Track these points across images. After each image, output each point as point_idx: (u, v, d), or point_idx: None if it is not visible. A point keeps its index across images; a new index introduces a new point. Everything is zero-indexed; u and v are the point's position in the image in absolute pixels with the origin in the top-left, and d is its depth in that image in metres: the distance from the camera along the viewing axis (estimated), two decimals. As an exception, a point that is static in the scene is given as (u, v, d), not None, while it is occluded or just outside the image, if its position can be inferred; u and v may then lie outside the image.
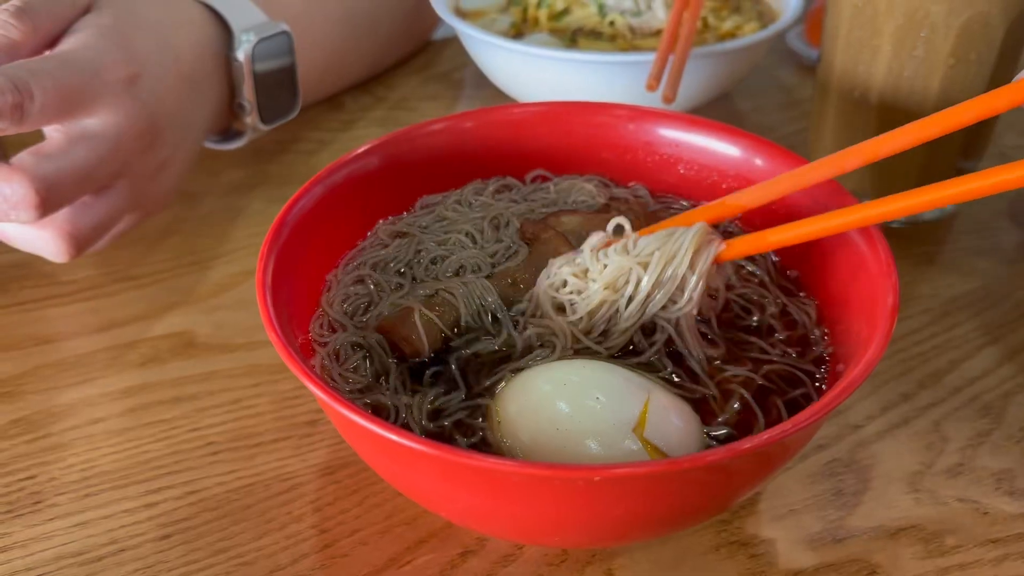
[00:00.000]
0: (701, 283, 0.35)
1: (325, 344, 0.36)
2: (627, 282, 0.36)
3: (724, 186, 0.44)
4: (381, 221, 0.43)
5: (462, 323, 0.37)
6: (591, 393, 0.33)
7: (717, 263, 0.36)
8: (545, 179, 0.45)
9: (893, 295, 0.34)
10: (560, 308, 0.37)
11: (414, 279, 0.39)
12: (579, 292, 0.37)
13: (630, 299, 0.36)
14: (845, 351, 0.36)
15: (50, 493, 0.40)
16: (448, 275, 0.39)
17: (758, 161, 0.43)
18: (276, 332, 0.31)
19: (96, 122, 0.45)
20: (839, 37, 0.52)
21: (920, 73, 0.50)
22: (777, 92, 0.71)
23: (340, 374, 0.35)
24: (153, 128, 0.48)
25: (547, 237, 0.39)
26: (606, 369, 0.35)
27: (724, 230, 0.43)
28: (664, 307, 0.36)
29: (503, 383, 0.35)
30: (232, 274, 0.54)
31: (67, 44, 0.45)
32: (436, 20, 0.75)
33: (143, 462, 0.42)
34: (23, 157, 0.42)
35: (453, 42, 0.78)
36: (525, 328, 0.37)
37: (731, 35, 0.62)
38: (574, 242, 0.40)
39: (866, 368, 0.30)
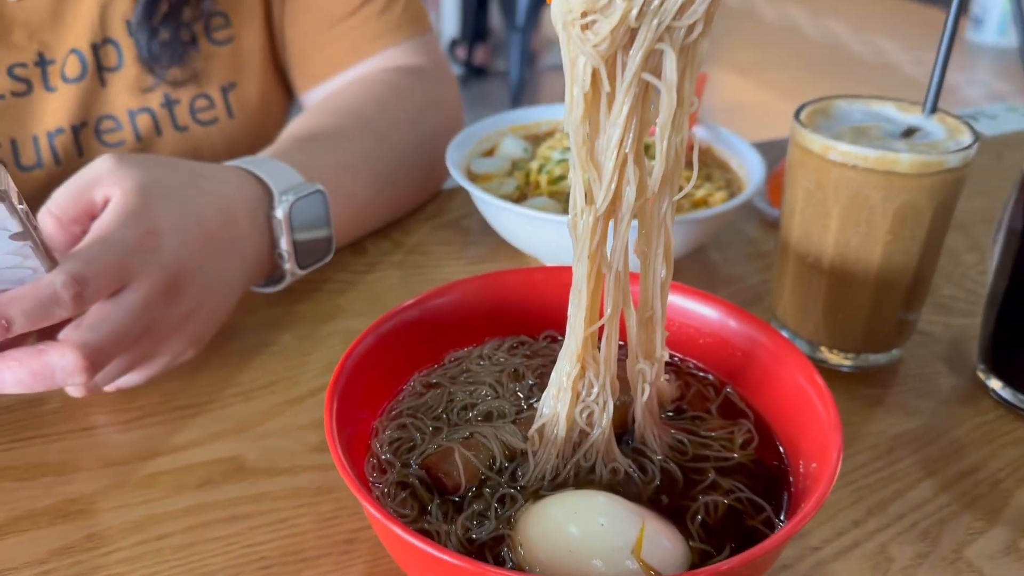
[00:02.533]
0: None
1: (379, 485, 0.44)
2: None
3: (700, 341, 0.53)
4: (416, 373, 0.51)
5: (496, 463, 0.45)
6: (597, 519, 0.41)
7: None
8: (554, 339, 0.54)
9: (838, 446, 0.42)
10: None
11: (449, 424, 0.47)
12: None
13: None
14: (802, 485, 0.44)
15: (126, 602, 0.47)
16: (479, 420, 0.47)
17: (730, 322, 0.52)
18: (347, 472, 0.39)
19: (128, 290, 0.53)
20: (795, 213, 0.62)
21: (863, 245, 0.60)
22: (744, 245, 0.81)
23: (393, 509, 0.42)
24: (175, 285, 0.57)
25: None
26: (609, 498, 0.43)
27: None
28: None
29: (523, 510, 0.43)
30: (274, 404, 0.61)
31: (102, 226, 0.54)
32: (446, 174, 0.85)
33: (204, 575, 0.48)
34: (69, 333, 0.51)
35: (460, 192, 0.88)
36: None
37: (703, 201, 0.73)
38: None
39: (817, 503, 0.38)
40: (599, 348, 0.44)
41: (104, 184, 0.57)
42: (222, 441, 0.58)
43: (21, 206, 0.45)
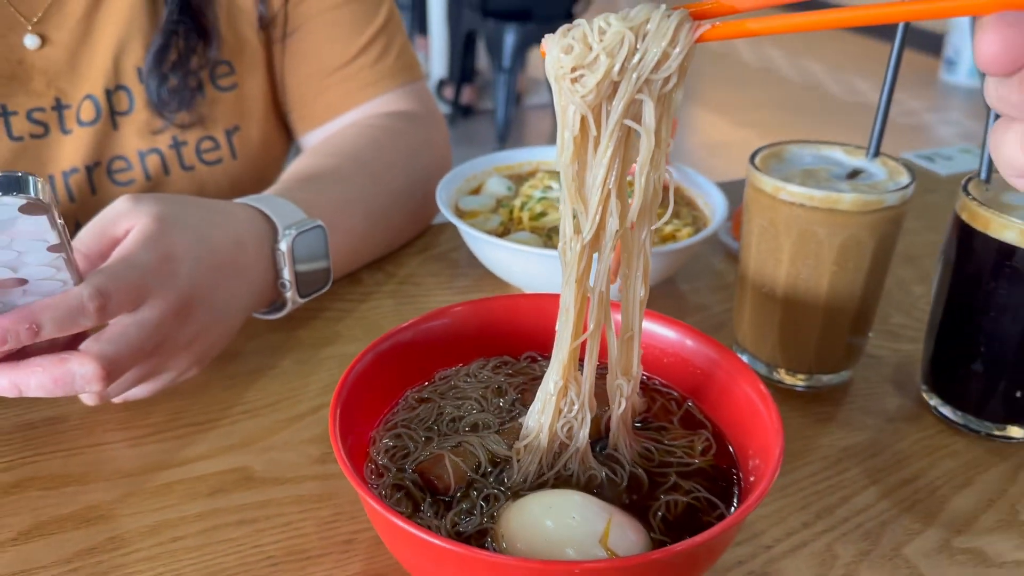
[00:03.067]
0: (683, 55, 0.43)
1: (376, 487, 0.50)
2: None
3: (664, 360, 0.59)
4: (409, 389, 0.57)
5: (482, 467, 0.50)
6: (570, 514, 0.47)
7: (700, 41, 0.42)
8: (534, 359, 0.60)
9: (779, 447, 0.48)
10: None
11: (440, 433, 0.53)
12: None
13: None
14: (749, 485, 0.50)
15: (147, 595, 0.52)
16: (467, 430, 0.53)
17: (688, 342, 0.58)
18: (349, 471, 0.45)
19: (145, 308, 0.59)
20: (752, 247, 0.69)
21: (812, 276, 0.66)
22: (710, 276, 0.88)
23: (389, 507, 0.48)
24: (187, 307, 0.62)
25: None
26: (581, 496, 0.48)
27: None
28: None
29: (504, 507, 0.49)
30: (277, 420, 0.67)
31: (125, 249, 0.60)
32: (436, 210, 0.91)
33: (217, 572, 0.53)
34: (89, 344, 0.56)
35: (449, 227, 0.94)
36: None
37: (672, 236, 0.79)
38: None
39: (759, 497, 0.44)
40: (581, 369, 0.50)
41: (125, 219, 0.63)
42: (230, 454, 0.63)
43: (60, 220, 0.50)
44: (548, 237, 0.80)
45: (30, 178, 0.47)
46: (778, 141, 0.71)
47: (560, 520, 0.47)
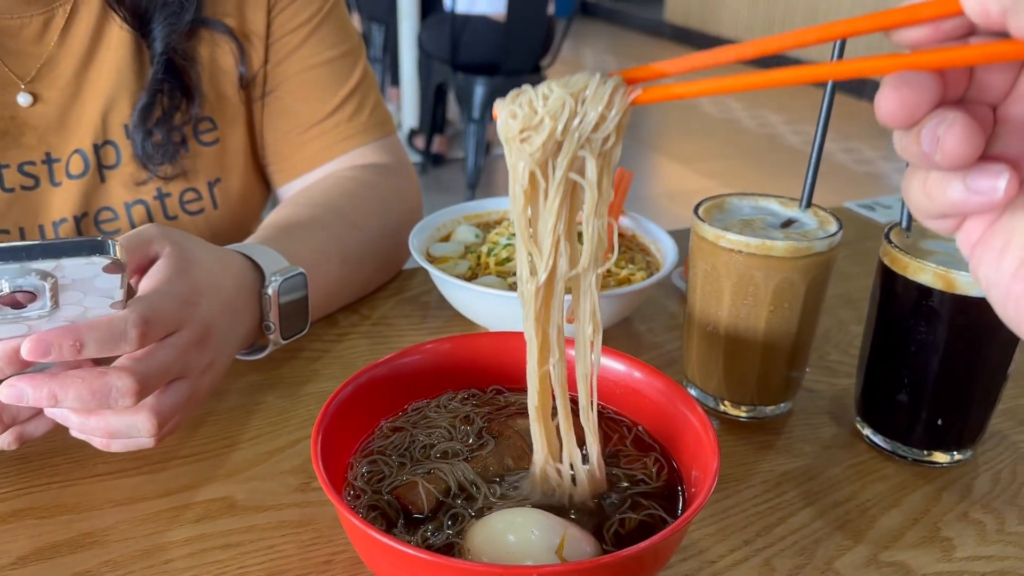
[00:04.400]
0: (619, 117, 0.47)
1: (355, 507, 0.55)
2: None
3: (617, 391, 0.65)
4: (384, 419, 0.62)
5: (452, 492, 0.56)
6: (530, 529, 0.52)
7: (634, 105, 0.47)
8: (500, 391, 0.66)
9: (716, 464, 0.53)
10: None
11: (412, 460, 0.58)
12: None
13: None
14: (690, 499, 0.55)
15: (140, 612, 0.56)
16: (437, 457, 0.58)
17: (636, 374, 0.64)
18: (330, 490, 0.50)
19: (174, 335, 0.64)
20: (696, 289, 0.75)
21: (750, 316, 0.73)
22: (664, 317, 0.94)
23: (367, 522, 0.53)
24: (206, 336, 0.67)
25: (509, 434, 0.59)
26: (540, 514, 0.54)
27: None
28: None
29: (470, 524, 0.54)
30: (258, 453, 0.71)
31: (159, 279, 0.65)
32: (407, 256, 0.97)
33: (205, 590, 0.58)
34: (123, 361, 0.61)
35: (420, 271, 1.00)
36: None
37: (627, 280, 0.86)
38: (528, 440, 0.59)
39: (695, 509, 0.50)
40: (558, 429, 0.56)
41: (156, 244, 0.67)
42: (215, 484, 0.67)
43: (128, 280, 0.55)
44: (513, 281, 0.86)
45: (110, 241, 0.52)
46: (720, 194, 0.78)
47: (521, 535, 0.52)
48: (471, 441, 0.61)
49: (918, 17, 0.36)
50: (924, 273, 0.67)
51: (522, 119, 0.48)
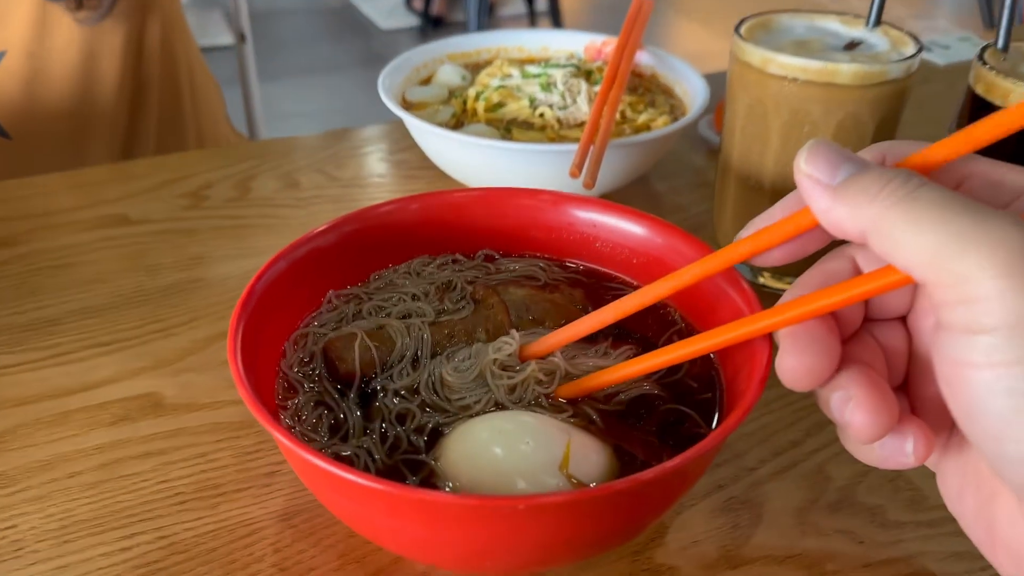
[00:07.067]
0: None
1: (286, 407, 0.42)
2: None
3: (635, 260, 0.51)
4: (332, 291, 0.48)
5: (391, 358, 0.43)
6: (523, 439, 0.39)
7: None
8: (491, 258, 0.52)
9: (767, 357, 0.40)
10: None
11: (361, 316, 0.46)
12: None
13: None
14: (733, 398, 0.42)
15: (31, 540, 0.44)
16: (396, 317, 0.45)
17: (658, 239, 0.50)
18: (249, 395, 0.37)
19: None
20: (735, 132, 0.60)
21: (803, 163, 0.58)
22: (689, 174, 0.79)
23: (302, 432, 0.40)
24: None
25: (492, 303, 0.46)
26: (535, 417, 0.41)
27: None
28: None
29: (444, 435, 0.41)
30: (195, 340, 0.58)
31: None
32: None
33: (117, 511, 0.46)
34: None
35: (398, 125, 0.85)
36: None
37: (645, 127, 0.70)
38: (514, 315, 0.46)
39: (744, 412, 0.37)
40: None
41: None
42: (140, 378, 0.55)
43: None
44: (507, 130, 0.70)
45: None
46: (765, 11, 0.62)
47: (512, 446, 0.39)
48: (447, 307, 0.47)
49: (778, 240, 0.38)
50: (1030, 104, 0.52)
51: None
